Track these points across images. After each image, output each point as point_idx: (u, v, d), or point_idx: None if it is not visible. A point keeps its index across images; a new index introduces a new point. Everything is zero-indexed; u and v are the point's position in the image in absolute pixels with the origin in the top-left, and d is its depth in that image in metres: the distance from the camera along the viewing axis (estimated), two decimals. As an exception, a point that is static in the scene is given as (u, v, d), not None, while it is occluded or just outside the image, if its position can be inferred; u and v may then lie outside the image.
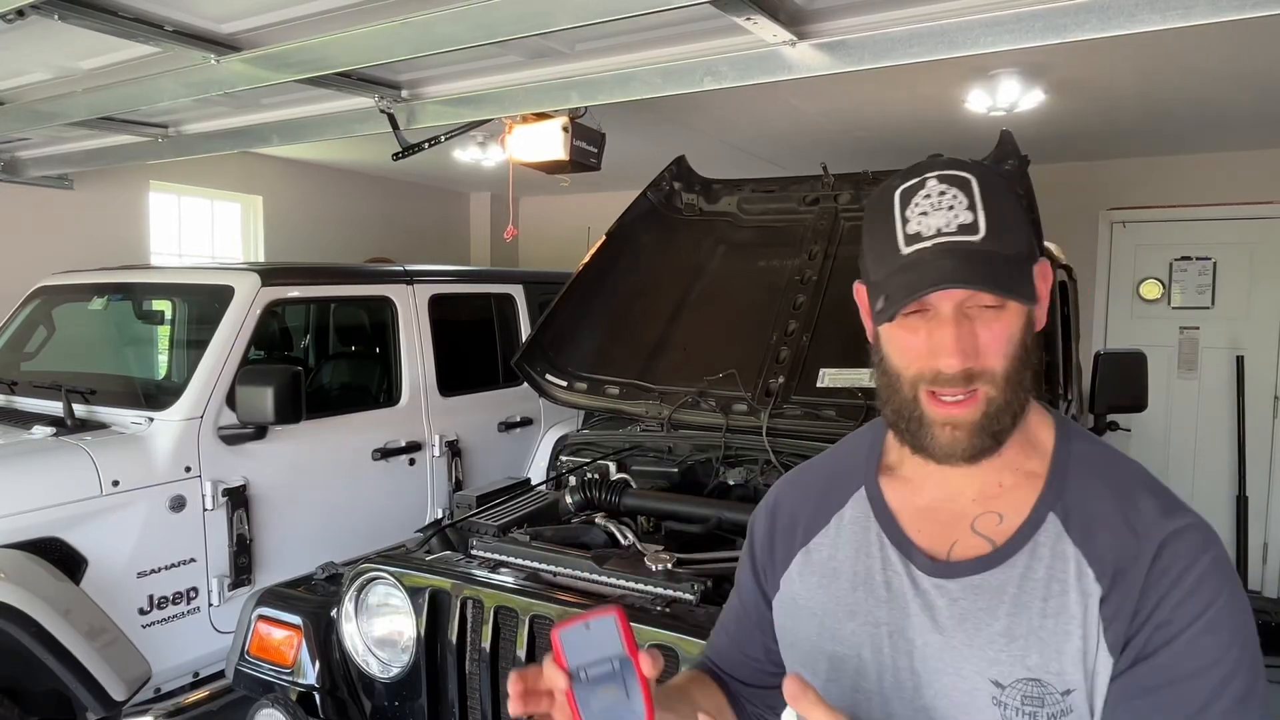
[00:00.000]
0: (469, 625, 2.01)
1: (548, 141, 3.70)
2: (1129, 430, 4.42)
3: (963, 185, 0.85)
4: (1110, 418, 3.40)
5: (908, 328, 0.86)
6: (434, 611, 2.05)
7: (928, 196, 0.85)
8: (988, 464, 0.91)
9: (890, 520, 0.96)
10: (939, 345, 0.84)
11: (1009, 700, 0.83)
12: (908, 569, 0.92)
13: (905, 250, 0.84)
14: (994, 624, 0.86)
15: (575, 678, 0.79)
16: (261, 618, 2.29)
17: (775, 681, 1.09)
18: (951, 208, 0.84)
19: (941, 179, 0.86)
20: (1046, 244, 2.95)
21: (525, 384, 3.17)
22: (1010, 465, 0.92)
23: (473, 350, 4.52)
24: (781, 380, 2.74)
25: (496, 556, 2.18)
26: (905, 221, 0.85)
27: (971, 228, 0.83)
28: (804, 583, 1.01)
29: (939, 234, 0.83)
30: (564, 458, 2.97)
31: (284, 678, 2.22)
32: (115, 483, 2.87)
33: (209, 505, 3.12)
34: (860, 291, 0.96)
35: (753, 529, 1.12)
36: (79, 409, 3.15)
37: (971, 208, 0.84)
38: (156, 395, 3.29)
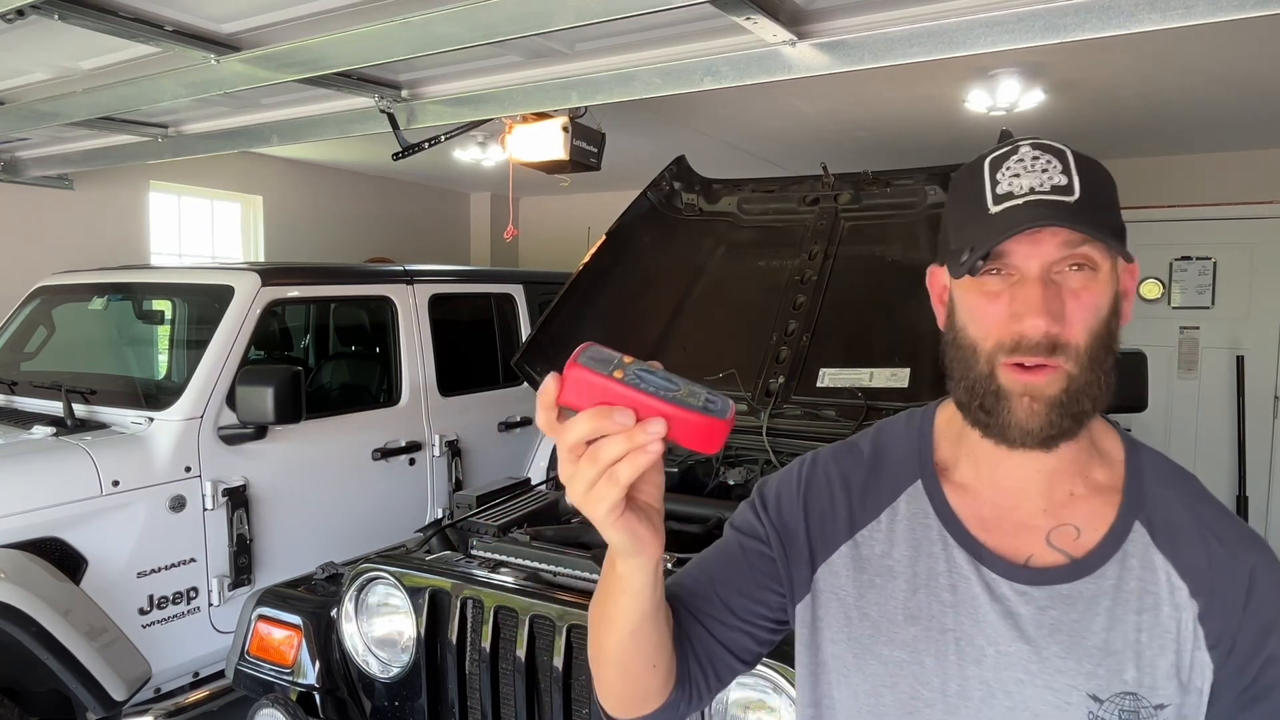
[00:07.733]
0: (469, 625, 2.01)
1: (548, 141, 3.71)
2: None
3: (1058, 154, 0.81)
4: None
5: (988, 293, 0.81)
6: (434, 611, 2.05)
7: (1020, 160, 0.81)
8: (1057, 469, 0.87)
9: (954, 520, 0.90)
10: (1023, 306, 0.78)
11: (1106, 715, 0.81)
12: (979, 572, 0.87)
13: (994, 209, 0.80)
14: (1090, 636, 0.83)
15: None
16: (261, 618, 2.30)
17: (743, 647, 0.95)
18: (1045, 170, 0.80)
19: (1036, 146, 0.82)
20: None
21: (525, 384, 3.17)
22: (1080, 472, 0.89)
23: (473, 350, 4.52)
24: (781, 380, 2.74)
25: (496, 556, 2.18)
26: (995, 184, 0.81)
27: (1066, 189, 0.78)
28: (854, 580, 0.92)
29: (1032, 192, 0.78)
30: (564, 457, 2.96)
31: (284, 678, 2.22)
32: (115, 483, 2.87)
33: (209, 505, 3.12)
34: (934, 275, 0.92)
35: (782, 488, 0.98)
36: (79, 409, 3.15)
37: (1066, 173, 0.79)
38: (156, 395, 3.29)
